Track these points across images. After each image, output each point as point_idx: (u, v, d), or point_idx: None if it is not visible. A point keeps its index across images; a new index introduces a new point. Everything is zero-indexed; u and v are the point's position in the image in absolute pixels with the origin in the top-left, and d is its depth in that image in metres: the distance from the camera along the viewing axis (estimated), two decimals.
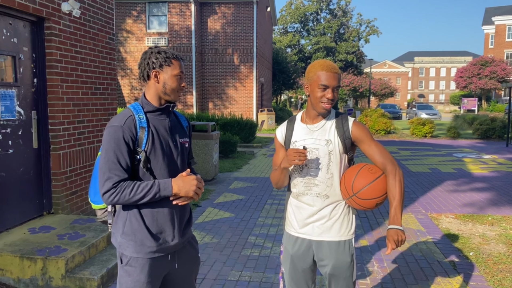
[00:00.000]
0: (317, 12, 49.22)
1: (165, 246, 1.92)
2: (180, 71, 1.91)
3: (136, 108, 1.90)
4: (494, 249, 4.60)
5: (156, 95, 1.92)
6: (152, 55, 1.89)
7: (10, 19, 3.98)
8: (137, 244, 1.87)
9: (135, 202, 1.80)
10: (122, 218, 1.90)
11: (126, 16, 20.58)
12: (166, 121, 1.95)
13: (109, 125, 1.83)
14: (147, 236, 1.87)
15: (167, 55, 1.88)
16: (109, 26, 5.53)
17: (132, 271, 1.88)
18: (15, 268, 3.44)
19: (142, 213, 1.88)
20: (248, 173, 9.16)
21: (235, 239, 4.85)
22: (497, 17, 49.36)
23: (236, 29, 20.89)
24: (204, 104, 21.42)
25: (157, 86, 1.90)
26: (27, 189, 4.25)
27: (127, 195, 1.77)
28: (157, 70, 1.88)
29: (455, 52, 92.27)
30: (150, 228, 1.88)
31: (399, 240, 1.98)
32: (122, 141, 1.80)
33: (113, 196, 1.77)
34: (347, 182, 2.09)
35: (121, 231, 1.90)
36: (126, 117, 1.84)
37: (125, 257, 1.90)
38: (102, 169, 1.79)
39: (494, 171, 9.73)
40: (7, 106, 3.96)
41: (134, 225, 1.88)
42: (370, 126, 18.76)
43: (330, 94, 2.05)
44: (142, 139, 1.84)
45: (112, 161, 1.78)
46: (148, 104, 1.91)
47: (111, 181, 1.77)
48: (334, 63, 2.11)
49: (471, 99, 40.24)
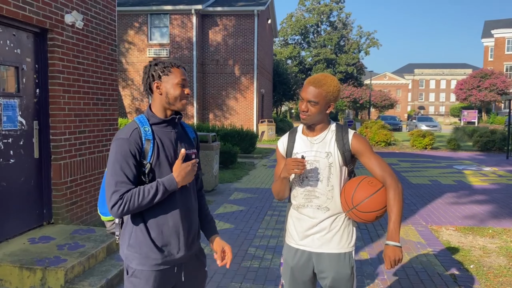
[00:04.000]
0: (317, 24, 49.63)
1: (170, 258, 1.91)
2: (182, 79, 1.90)
3: (141, 121, 1.90)
4: (495, 262, 4.58)
5: (161, 107, 1.92)
6: (151, 68, 1.90)
7: (14, 30, 4.03)
8: (142, 256, 1.87)
9: (147, 205, 1.79)
10: (128, 230, 1.91)
11: (128, 27, 20.76)
12: (172, 133, 1.94)
13: (116, 138, 1.84)
14: (152, 249, 1.87)
15: (165, 65, 1.88)
16: (111, 37, 5.58)
17: (137, 282, 1.88)
18: (14, 278, 3.43)
19: (148, 226, 1.88)
20: (248, 184, 9.15)
21: (235, 251, 4.84)
22: (497, 30, 49.72)
23: (237, 41, 21.05)
24: (204, 115, 21.48)
25: (160, 98, 1.90)
26: (28, 199, 4.25)
27: (136, 202, 1.77)
28: (157, 82, 1.88)
29: (455, 65, 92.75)
30: (155, 240, 1.88)
31: (396, 259, 2.01)
32: (128, 153, 1.80)
33: (121, 208, 1.76)
34: (347, 194, 2.09)
35: (127, 243, 1.90)
36: (131, 130, 1.85)
37: (131, 268, 1.90)
38: (109, 182, 1.79)
39: (495, 183, 9.72)
40: (9, 116, 3.99)
41: (139, 238, 1.88)
42: (370, 138, 18.78)
43: (303, 105, 2.09)
44: (147, 151, 1.85)
45: (119, 174, 1.78)
46: (153, 116, 1.92)
47: (117, 193, 1.77)
48: (324, 79, 2.08)
49: (471, 111, 40.35)
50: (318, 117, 2.10)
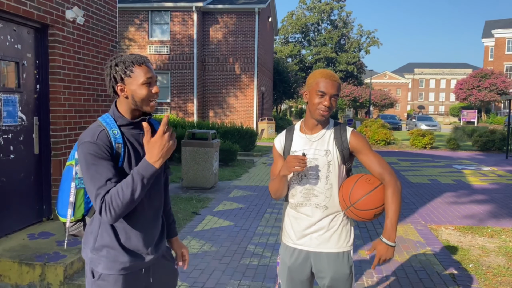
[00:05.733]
0: (318, 22, 49.56)
1: (138, 262, 1.81)
2: (147, 77, 1.72)
3: (108, 122, 1.75)
4: (494, 261, 4.59)
5: (129, 109, 1.78)
6: (112, 69, 1.73)
7: (15, 25, 4.02)
8: (109, 260, 1.76)
9: (132, 201, 1.62)
10: (93, 232, 1.78)
11: (129, 24, 20.73)
12: (140, 135, 1.81)
13: (82, 142, 1.68)
14: (120, 252, 1.76)
15: (126, 64, 1.71)
16: (112, 34, 5.57)
17: (104, 285, 1.77)
18: (13, 274, 3.43)
19: (116, 229, 1.76)
20: (248, 182, 9.16)
21: (234, 248, 4.84)
22: (497, 30, 49.70)
23: (237, 39, 21.02)
24: (205, 113, 21.47)
25: (127, 101, 1.75)
26: (27, 195, 4.25)
27: (118, 200, 1.61)
28: (120, 85, 1.72)
29: (455, 64, 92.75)
30: (124, 243, 1.77)
31: (386, 258, 2.05)
32: (99, 155, 1.66)
33: (108, 212, 1.61)
34: (345, 192, 2.08)
35: (91, 246, 1.78)
36: (98, 132, 1.69)
37: (97, 272, 1.78)
38: (90, 190, 1.64)
39: (494, 183, 9.73)
40: (10, 111, 3.98)
41: (105, 241, 1.76)
42: (370, 137, 18.78)
43: (327, 102, 2.04)
44: (118, 155, 1.71)
45: (96, 177, 1.63)
46: (121, 117, 1.77)
47: (99, 197, 1.62)
48: (332, 72, 2.11)
49: (470, 111, 40.35)
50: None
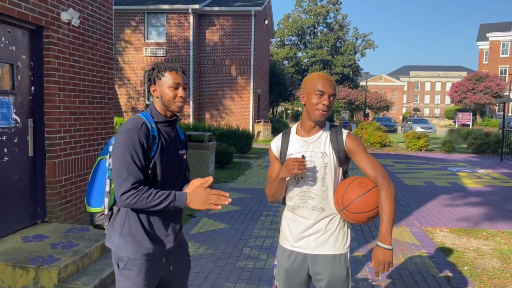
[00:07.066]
0: (314, 25, 49.70)
1: (161, 249, 1.99)
2: (174, 82, 1.96)
3: (147, 117, 1.98)
4: (489, 264, 4.61)
5: (161, 108, 2.02)
6: (149, 72, 2.02)
7: (9, 27, 4.00)
8: (135, 244, 1.93)
9: (150, 207, 1.84)
10: (121, 220, 1.97)
11: (125, 26, 20.69)
12: (172, 133, 2.05)
13: (124, 128, 1.89)
14: (144, 238, 1.94)
15: (159, 69, 1.98)
16: (108, 36, 5.56)
17: (130, 274, 1.93)
18: (6, 277, 3.40)
19: (140, 217, 1.95)
20: (243, 184, 9.15)
21: (230, 251, 4.83)
22: (492, 33, 50.05)
23: (234, 41, 21.03)
24: (201, 115, 21.44)
25: (158, 100, 2.01)
26: (21, 197, 4.22)
27: (145, 199, 1.82)
28: (153, 86, 2.00)
29: (450, 67, 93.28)
30: (148, 230, 1.96)
31: (385, 263, 2.00)
32: (138, 143, 1.86)
33: (131, 198, 1.81)
34: (338, 195, 2.08)
35: (119, 233, 1.96)
36: (141, 123, 1.92)
37: (122, 261, 1.94)
38: (118, 170, 1.83)
39: (489, 185, 9.77)
40: (4, 113, 3.96)
41: (132, 227, 1.94)
42: (366, 139, 18.83)
43: (326, 101, 2.05)
44: (152, 147, 1.92)
45: (129, 162, 1.83)
46: (158, 115, 2.01)
47: (129, 181, 1.82)
48: (327, 74, 2.14)
49: (465, 114, 40.59)
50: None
